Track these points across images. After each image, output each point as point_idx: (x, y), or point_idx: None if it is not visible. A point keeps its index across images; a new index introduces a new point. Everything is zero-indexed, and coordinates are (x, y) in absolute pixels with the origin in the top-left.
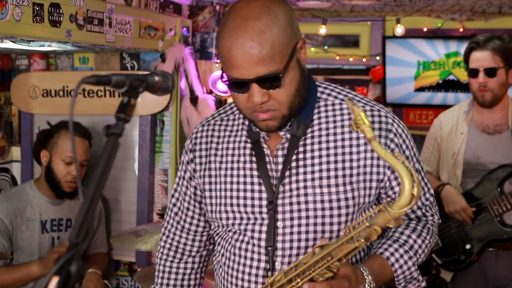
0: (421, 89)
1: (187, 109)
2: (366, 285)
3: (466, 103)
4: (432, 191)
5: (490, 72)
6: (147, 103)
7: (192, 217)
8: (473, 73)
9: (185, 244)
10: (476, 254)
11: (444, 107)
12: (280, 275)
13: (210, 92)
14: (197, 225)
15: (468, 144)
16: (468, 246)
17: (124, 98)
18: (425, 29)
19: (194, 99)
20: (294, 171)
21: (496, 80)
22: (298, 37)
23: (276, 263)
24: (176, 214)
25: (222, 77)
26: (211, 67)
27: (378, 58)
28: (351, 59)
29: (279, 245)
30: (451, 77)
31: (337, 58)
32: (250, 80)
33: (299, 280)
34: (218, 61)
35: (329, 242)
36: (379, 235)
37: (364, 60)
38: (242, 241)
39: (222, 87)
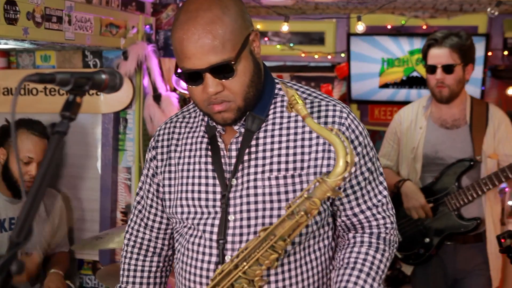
0: (385, 85)
1: (150, 107)
2: None
3: (425, 99)
4: (385, 193)
5: (448, 69)
6: (110, 101)
7: (155, 214)
8: (431, 69)
9: (149, 240)
10: (435, 247)
11: (408, 103)
12: (228, 264)
13: (174, 90)
14: (161, 222)
15: (426, 138)
16: (427, 240)
17: (69, 96)
18: (389, 27)
19: (157, 97)
20: (246, 164)
21: (453, 76)
22: (250, 29)
23: (226, 257)
24: (140, 211)
25: (176, 71)
26: (174, 65)
27: (343, 55)
28: (316, 56)
29: (229, 238)
30: (414, 74)
31: (303, 55)
32: (203, 69)
33: (245, 263)
34: None
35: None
36: (318, 209)
37: (329, 57)
38: (195, 236)
39: (185, 84)
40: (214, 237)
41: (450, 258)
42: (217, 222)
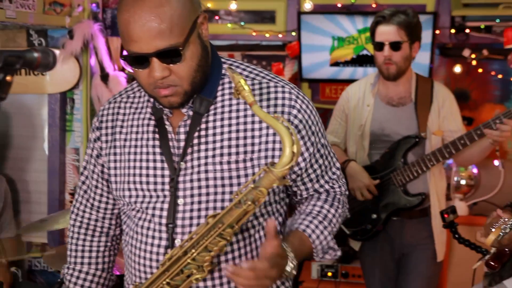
0: (336, 64)
1: (98, 86)
2: (289, 262)
3: (372, 76)
4: (338, 165)
5: (395, 46)
6: (56, 80)
7: (101, 195)
8: (379, 46)
9: (96, 221)
10: (382, 223)
11: None
12: (177, 249)
13: (122, 70)
14: (107, 203)
15: (374, 116)
16: (374, 216)
17: None
18: (339, 5)
19: (104, 77)
20: (195, 148)
21: (401, 53)
22: (198, 12)
23: (176, 241)
24: (85, 192)
25: (121, 53)
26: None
27: (294, 33)
28: (267, 35)
29: (179, 222)
30: (364, 52)
31: (254, 34)
32: (149, 54)
33: (193, 250)
34: None
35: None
36: (265, 197)
37: (280, 36)
38: (144, 220)
39: None
40: (163, 221)
41: (397, 233)
42: (166, 206)
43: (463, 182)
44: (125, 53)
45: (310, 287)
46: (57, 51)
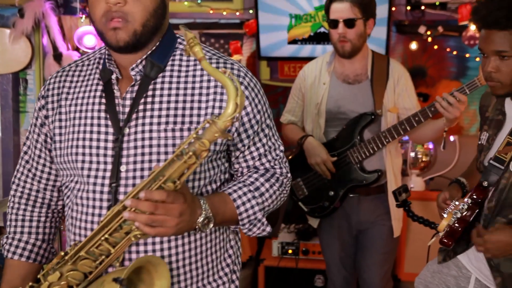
0: (294, 41)
1: (51, 66)
2: (202, 212)
3: (328, 54)
4: (282, 148)
5: (349, 23)
6: (7, 61)
7: (44, 165)
8: (333, 24)
9: (37, 191)
10: (339, 200)
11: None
12: (117, 205)
13: (76, 49)
14: (49, 173)
15: (330, 94)
16: (331, 193)
17: None
18: None
19: (57, 56)
20: (141, 114)
21: (355, 31)
22: None
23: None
24: (27, 162)
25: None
26: (76, 23)
27: (251, 11)
28: (224, 13)
29: (122, 189)
30: (322, 30)
31: (211, 12)
32: None
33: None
34: (83, 16)
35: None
36: (208, 151)
37: (237, 14)
38: (85, 190)
39: (88, 42)
40: (106, 189)
41: (354, 209)
42: (108, 173)
43: (419, 158)
44: None
45: (271, 264)
46: (7, 30)
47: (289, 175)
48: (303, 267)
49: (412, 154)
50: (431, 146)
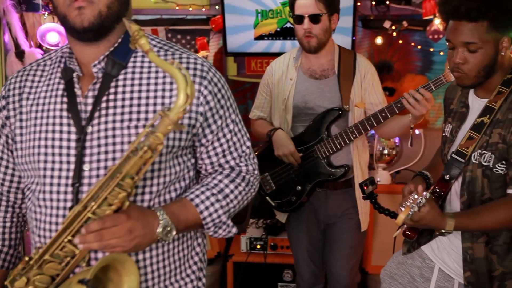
0: (260, 37)
1: (13, 64)
2: (160, 222)
3: (295, 50)
4: (248, 144)
5: (314, 19)
6: None
7: (7, 167)
8: (299, 19)
9: (1, 194)
10: (306, 195)
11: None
12: (77, 205)
13: (40, 46)
14: (12, 175)
15: (297, 89)
16: (298, 188)
17: None
18: None
19: (20, 53)
20: (103, 112)
21: (320, 26)
22: None
23: None
24: None
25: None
26: (39, 20)
27: (217, 7)
28: (190, 9)
29: (85, 188)
30: (288, 25)
31: (177, 8)
32: None
33: (93, 203)
34: (46, 13)
35: None
36: (163, 144)
37: (203, 9)
38: (50, 186)
39: (52, 39)
40: (70, 188)
41: (321, 204)
42: (72, 171)
43: (385, 151)
44: None
45: (239, 260)
46: None
47: (256, 172)
48: (272, 262)
49: (379, 148)
50: (397, 140)
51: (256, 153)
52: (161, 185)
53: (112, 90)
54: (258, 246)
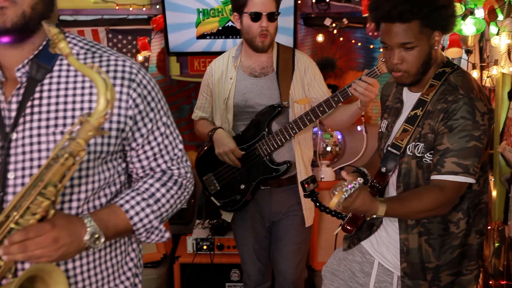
0: (202, 36)
1: None
2: (87, 230)
3: (234, 49)
4: (180, 147)
5: (271, 17)
6: None
7: None
8: (256, 17)
9: None
10: (250, 193)
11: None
12: (1, 216)
13: None
14: None
15: (237, 88)
16: (242, 186)
17: None
18: None
19: None
20: (28, 118)
21: (275, 25)
22: None
23: None
24: None
25: None
26: None
27: (158, 6)
28: (131, 9)
29: (10, 197)
30: (229, 24)
31: (117, 8)
32: None
33: (15, 213)
34: None
35: None
36: (85, 150)
37: (144, 9)
38: None
39: None
40: None
41: (266, 201)
42: None
43: (329, 148)
44: None
45: (186, 261)
46: None
47: (189, 175)
48: (219, 262)
49: (322, 145)
50: (339, 136)
51: (200, 154)
52: (90, 191)
53: (37, 95)
54: (205, 247)
